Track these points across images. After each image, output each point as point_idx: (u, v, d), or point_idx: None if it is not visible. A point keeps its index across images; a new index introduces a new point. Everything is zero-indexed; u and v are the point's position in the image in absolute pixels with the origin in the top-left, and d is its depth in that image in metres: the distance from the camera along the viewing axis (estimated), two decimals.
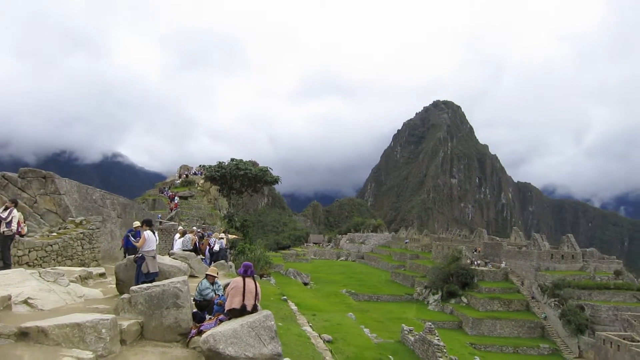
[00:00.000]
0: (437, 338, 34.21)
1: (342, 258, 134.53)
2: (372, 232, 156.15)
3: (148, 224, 12.71)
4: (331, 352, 19.59)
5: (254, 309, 8.31)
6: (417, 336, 36.37)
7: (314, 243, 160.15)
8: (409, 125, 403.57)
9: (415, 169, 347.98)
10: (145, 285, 9.10)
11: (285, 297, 28.84)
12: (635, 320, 63.57)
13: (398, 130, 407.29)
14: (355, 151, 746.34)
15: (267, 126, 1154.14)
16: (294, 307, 26.58)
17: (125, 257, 15.01)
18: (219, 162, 53.80)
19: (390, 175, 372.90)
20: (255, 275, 9.19)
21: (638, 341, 57.12)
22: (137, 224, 18.11)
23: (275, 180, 55.85)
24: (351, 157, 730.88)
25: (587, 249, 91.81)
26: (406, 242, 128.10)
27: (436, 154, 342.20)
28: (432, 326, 36.04)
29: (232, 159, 54.47)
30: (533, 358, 62.14)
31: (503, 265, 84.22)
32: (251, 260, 38.55)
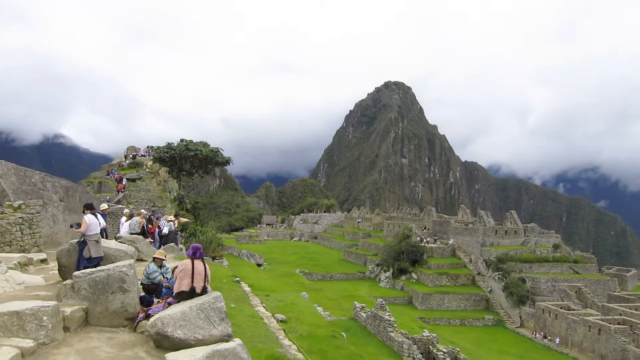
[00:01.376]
0: (388, 314, 35.17)
1: (295, 238, 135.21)
2: (325, 212, 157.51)
3: (89, 207, 12.32)
4: (285, 331, 19.76)
5: (204, 291, 8.22)
6: (369, 313, 37.26)
7: (267, 224, 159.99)
8: (360, 106, 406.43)
9: (367, 149, 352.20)
10: (89, 270, 8.79)
11: (238, 278, 28.70)
12: (571, 290, 67.82)
13: (350, 111, 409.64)
14: (308, 132, 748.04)
15: (219, 107, 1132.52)
16: (247, 289, 26.52)
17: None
18: (168, 143, 52.25)
19: (342, 156, 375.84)
20: (205, 258, 9.07)
21: (574, 309, 61.09)
22: (104, 206, 18.09)
23: (227, 161, 54.94)
24: (304, 138, 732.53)
25: (529, 225, 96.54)
26: (358, 222, 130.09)
27: (387, 134, 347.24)
28: (383, 302, 36.98)
29: (182, 140, 53.08)
30: (478, 329, 65.19)
31: (451, 241, 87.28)
32: (203, 243, 38.04)
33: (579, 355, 53.84)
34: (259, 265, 63.26)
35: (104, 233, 14.78)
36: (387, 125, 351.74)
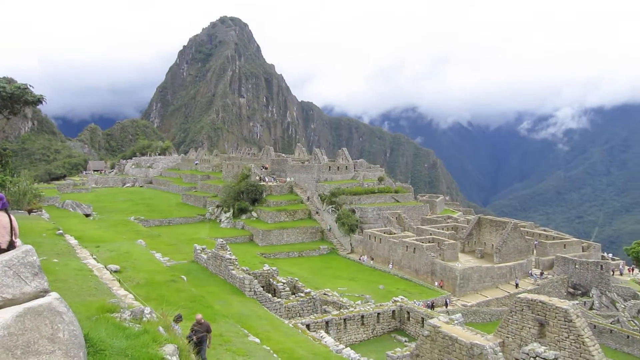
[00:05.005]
0: (229, 253, 35.71)
1: (128, 184, 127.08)
2: (159, 155, 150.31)
3: None
4: (119, 281, 18.75)
5: (11, 246, 7.24)
6: (210, 253, 37.40)
7: (95, 171, 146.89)
8: (195, 42, 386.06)
9: (204, 88, 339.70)
10: None
11: (61, 231, 26.11)
12: (392, 217, 76.48)
13: (184, 47, 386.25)
14: (139, 68, 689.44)
15: (33, 37, 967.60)
16: (73, 241, 24.32)
17: None
18: None
19: (177, 95, 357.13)
20: (19, 211, 7.94)
21: (394, 233, 69.23)
22: None
23: (38, 100, 47.89)
24: (134, 75, 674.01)
25: (358, 160, 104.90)
26: (196, 164, 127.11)
27: (224, 72, 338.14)
28: (224, 242, 37.36)
29: None
30: (315, 258, 70.21)
31: (288, 179, 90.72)
32: (15, 195, 33.56)
33: (398, 272, 61.76)
34: (87, 215, 58.21)
35: None
36: (224, 63, 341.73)
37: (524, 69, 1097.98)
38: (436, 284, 55.95)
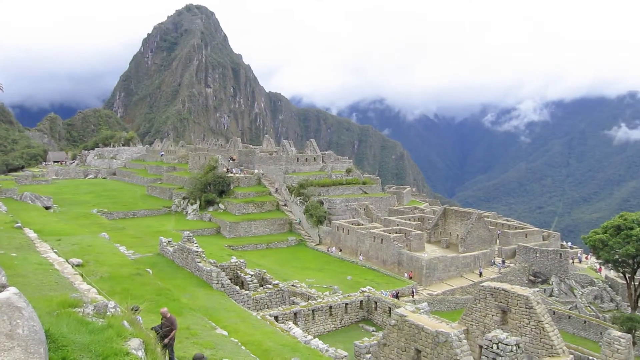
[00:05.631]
0: (195, 245, 35.27)
1: (90, 176, 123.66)
2: (123, 145, 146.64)
3: None
4: (82, 275, 18.29)
5: None
6: (176, 246, 36.86)
7: (55, 162, 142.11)
8: (160, 30, 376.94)
9: (169, 78, 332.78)
10: None
11: (20, 224, 25.24)
12: (360, 208, 77.06)
13: (148, 34, 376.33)
14: (102, 56, 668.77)
15: None
16: (32, 235, 23.55)
17: None
18: None
19: (141, 84, 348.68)
20: None
21: (362, 224, 69.85)
22: None
23: None
24: (97, 63, 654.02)
25: (326, 152, 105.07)
26: (161, 155, 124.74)
27: (190, 61, 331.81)
28: (191, 235, 36.86)
29: None
30: (283, 250, 70.18)
31: (256, 171, 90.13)
32: None
33: (366, 262, 62.43)
34: (47, 208, 56.44)
35: None
36: (190, 52, 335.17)
37: (489, 63, 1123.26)
38: (406, 275, 56.62)
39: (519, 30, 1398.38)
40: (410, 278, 56.00)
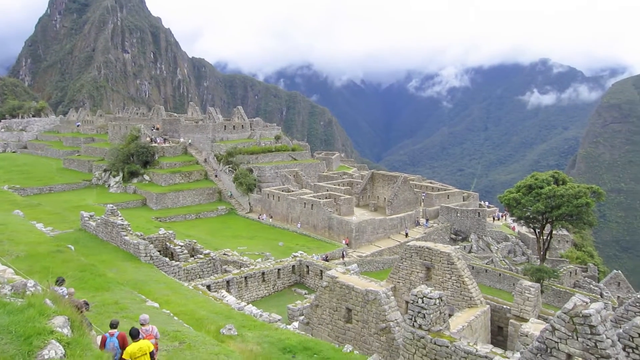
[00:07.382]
0: (120, 218, 33.90)
1: None
2: (34, 116, 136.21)
3: None
4: None
5: None
6: (99, 220, 35.23)
7: None
8: None
9: (82, 42, 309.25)
10: None
11: None
12: (290, 175, 77.40)
13: None
14: (2, 19, 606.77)
15: None
16: None
17: None
18: None
19: (50, 49, 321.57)
20: None
21: (292, 191, 70.29)
22: None
23: None
24: None
25: (254, 119, 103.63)
26: (78, 125, 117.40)
27: (105, 25, 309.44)
28: (115, 208, 35.29)
29: None
30: (213, 219, 69.32)
31: (182, 140, 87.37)
32: None
33: (297, 229, 63.24)
34: None
35: None
36: (103, 14, 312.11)
37: (413, 29, 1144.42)
38: (343, 241, 57.45)
39: None
40: (347, 245, 57.00)
